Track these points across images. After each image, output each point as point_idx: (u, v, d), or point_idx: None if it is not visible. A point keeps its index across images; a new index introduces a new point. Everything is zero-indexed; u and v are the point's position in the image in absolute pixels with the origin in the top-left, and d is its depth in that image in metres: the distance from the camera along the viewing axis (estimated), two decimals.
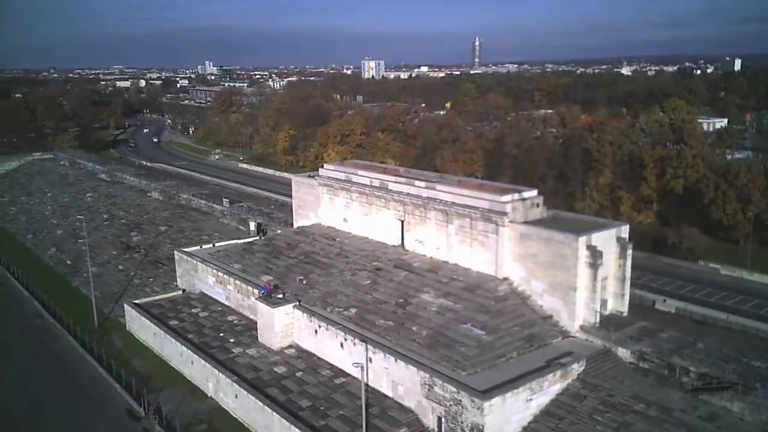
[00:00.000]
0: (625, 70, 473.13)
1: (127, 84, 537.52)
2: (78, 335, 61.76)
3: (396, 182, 61.13)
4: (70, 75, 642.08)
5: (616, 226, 50.51)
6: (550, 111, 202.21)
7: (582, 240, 46.23)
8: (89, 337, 61.36)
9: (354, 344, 46.33)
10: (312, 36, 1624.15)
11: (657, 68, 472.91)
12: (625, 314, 50.35)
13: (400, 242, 61.09)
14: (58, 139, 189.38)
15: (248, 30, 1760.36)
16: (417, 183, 59.00)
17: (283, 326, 52.83)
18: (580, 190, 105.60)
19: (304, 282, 57.89)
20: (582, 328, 47.36)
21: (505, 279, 50.85)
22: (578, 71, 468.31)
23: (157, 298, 67.47)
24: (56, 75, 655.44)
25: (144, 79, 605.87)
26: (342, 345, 47.71)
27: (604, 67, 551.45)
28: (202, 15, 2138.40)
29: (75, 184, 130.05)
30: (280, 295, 54.49)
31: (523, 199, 52.02)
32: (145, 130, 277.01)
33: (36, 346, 61.16)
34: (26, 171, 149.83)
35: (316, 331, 50.57)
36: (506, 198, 51.24)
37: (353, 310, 51.18)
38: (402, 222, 60.48)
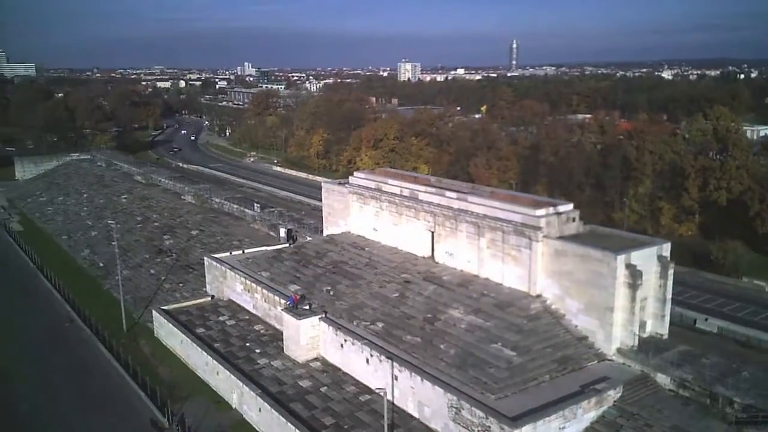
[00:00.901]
0: (666, 74, 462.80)
1: (167, 85, 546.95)
2: (106, 340, 61.83)
3: (426, 192, 59.71)
4: (113, 75, 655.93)
5: (657, 244, 48.11)
6: (588, 116, 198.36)
7: (621, 258, 44.12)
8: (117, 343, 61.33)
9: (380, 361, 45.08)
10: (350, 37, 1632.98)
11: (699, 72, 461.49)
12: (665, 337, 47.94)
13: (429, 254, 59.62)
14: (96, 139, 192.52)
15: (287, 32, 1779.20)
16: (448, 194, 57.47)
17: (309, 339, 51.87)
18: (618, 200, 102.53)
19: (331, 293, 56.87)
20: (619, 351, 45.21)
21: (538, 296, 48.98)
22: (618, 74, 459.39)
23: (185, 304, 67.21)
24: (99, 75, 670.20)
25: (184, 79, 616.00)
26: (368, 361, 46.50)
27: (644, 70, 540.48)
28: (243, 16, 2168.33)
29: (111, 185, 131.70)
30: (307, 307, 53.59)
31: (558, 213, 50.07)
32: (183, 132, 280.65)
33: (65, 351, 61.32)
34: (64, 171, 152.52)
35: (341, 345, 49.47)
36: (540, 212, 49.38)
37: (380, 325, 49.92)
38: (432, 233, 59.00)
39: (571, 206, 51.66)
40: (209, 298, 68.60)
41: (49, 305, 73.63)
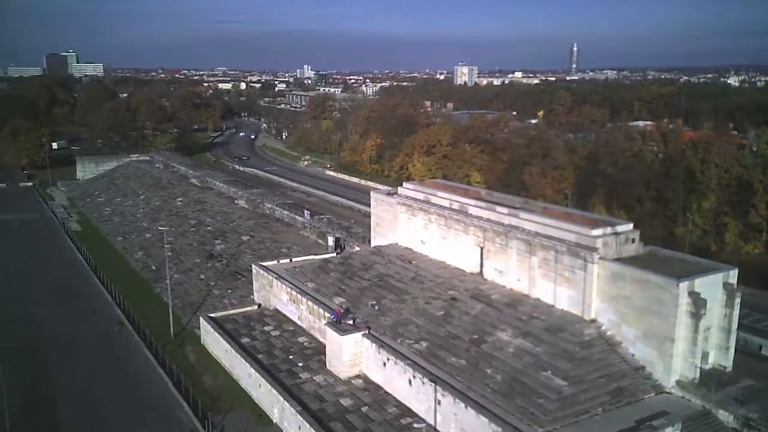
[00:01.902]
0: (733, 80, 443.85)
1: (228, 86, 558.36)
2: (153, 346, 62.30)
3: (476, 206, 57.78)
4: (177, 76, 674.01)
5: (723, 270, 44.90)
6: (649, 123, 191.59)
7: (683, 285, 41.27)
8: (163, 349, 61.77)
9: (423, 383, 43.53)
10: (408, 41, 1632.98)
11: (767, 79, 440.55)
12: (729, 369, 44.69)
13: (478, 270, 57.67)
14: (156, 140, 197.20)
15: (346, 35, 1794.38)
16: (499, 208, 55.41)
17: (352, 355, 50.76)
18: (680, 215, 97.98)
19: (376, 308, 55.62)
20: (679, 383, 42.32)
21: (593, 321, 46.46)
22: (681, 80, 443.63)
23: (232, 312, 67.22)
24: (163, 75, 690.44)
25: (245, 81, 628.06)
26: (410, 382, 45.00)
27: (709, 76, 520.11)
28: (304, 19, 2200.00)
29: (167, 187, 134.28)
30: (351, 321, 52.52)
31: (617, 234, 47.44)
32: (241, 134, 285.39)
33: (112, 356, 61.96)
34: (123, 172, 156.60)
35: (384, 364, 48.13)
36: (597, 232, 46.87)
37: (424, 344, 48.35)
38: (481, 249, 57.04)
39: (630, 226, 48.90)
40: (256, 307, 68.46)
41: (101, 307, 74.88)
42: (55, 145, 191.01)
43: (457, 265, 59.83)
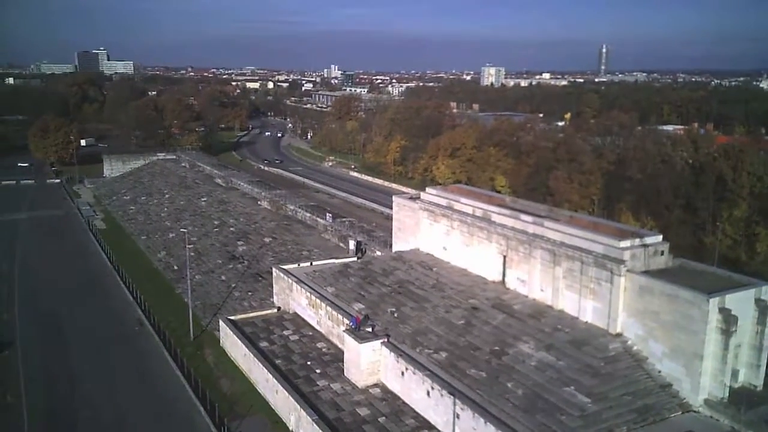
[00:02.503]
0: (765, 84, 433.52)
1: (256, 85, 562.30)
2: (172, 348, 62.23)
3: (500, 214, 56.68)
4: (205, 74, 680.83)
5: (756, 285, 43.21)
6: (679, 127, 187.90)
7: (714, 302, 39.79)
8: (182, 351, 61.67)
9: (441, 395, 42.57)
10: (435, 41, 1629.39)
11: None
12: (760, 388, 42.98)
13: (500, 279, 56.56)
14: (183, 139, 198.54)
15: (373, 35, 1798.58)
16: (523, 217, 54.26)
17: (370, 363, 49.97)
18: (710, 223, 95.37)
19: (395, 315, 54.79)
20: (707, 402, 40.81)
21: (618, 335, 45.11)
22: (712, 83, 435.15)
23: (251, 315, 66.91)
24: (192, 74, 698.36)
25: (272, 81, 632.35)
26: (429, 393, 44.07)
27: (741, 79, 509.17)
28: (332, 19, 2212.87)
29: (192, 187, 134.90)
30: (369, 329, 51.75)
31: (645, 246, 46.02)
32: (267, 133, 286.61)
33: (132, 357, 62.01)
34: (149, 171, 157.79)
35: (402, 373, 47.27)
36: (625, 243, 45.49)
37: (443, 354, 47.38)
38: (504, 257, 55.93)
39: (659, 238, 47.44)
40: (275, 310, 68.08)
41: (122, 306, 75.12)
42: (83, 142, 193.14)
43: (479, 273, 58.79)
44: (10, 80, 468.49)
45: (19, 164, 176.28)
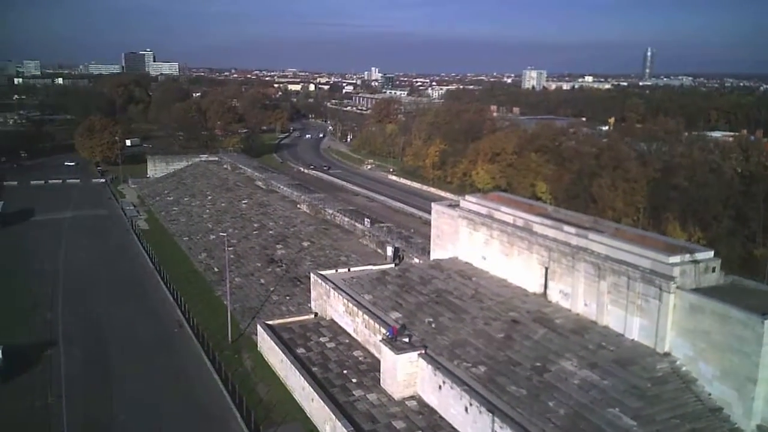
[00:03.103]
0: None
1: (297, 87, 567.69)
2: (210, 351, 62.54)
3: (542, 224, 55.27)
4: (248, 76, 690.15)
5: None
6: (728, 134, 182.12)
7: None
8: (220, 355, 61.95)
9: (480, 412, 41.50)
10: (475, 43, 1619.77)
11: None
12: None
13: (542, 291, 55.16)
14: (225, 141, 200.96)
15: (414, 37, 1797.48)
16: (566, 228, 52.75)
17: (406, 375, 49.20)
18: (761, 235, 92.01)
19: (433, 325, 53.92)
20: (759, 428, 38.79)
21: (666, 355, 43.35)
22: (761, 88, 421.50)
23: (289, 320, 66.86)
24: (236, 75, 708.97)
25: (313, 83, 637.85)
26: (467, 409, 43.04)
27: None
28: (373, 21, 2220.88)
29: (233, 189, 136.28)
30: (406, 339, 50.98)
31: (696, 262, 44.13)
32: (307, 136, 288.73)
33: (170, 359, 62.44)
34: (192, 172, 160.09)
35: (440, 387, 46.35)
36: (674, 259, 43.69)
37: (482, 368, 46.29)
38: (546, 269, 54.52)
39: (711, 254, 45.45)
40: (312, 316, 67.89)
41: (162, 308, 75.94)
42: (128, 142, 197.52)
43: (520, 284, 57.48)
44: (60, 80, 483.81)
45: (65, 163, 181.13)
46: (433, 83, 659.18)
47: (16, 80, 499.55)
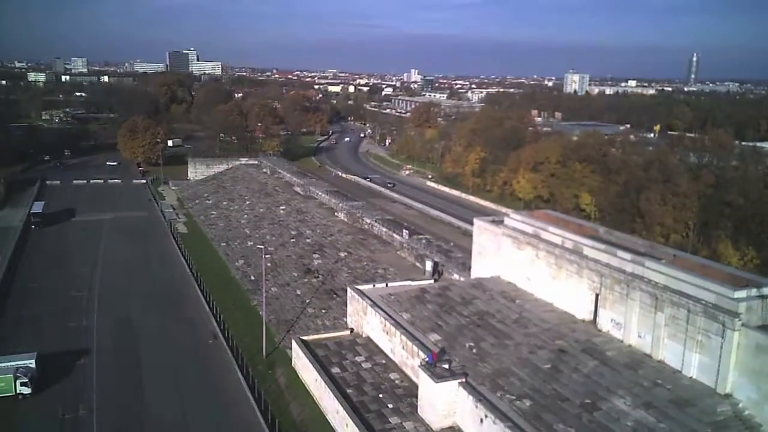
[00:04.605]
0: None
1: (337, 89, 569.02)
2: (244, 365, 61.25)
3: (593, 247, 52.38)
4: (289, 77, 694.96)
5: None
6: None
7: None
8: (254, 370, 60.61)
9: None
10: (516, 46, 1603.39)
11: None
12: None
13: (591, 318, 52.25)
14: (265, 144, 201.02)
15: (454, 39, 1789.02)
16: (620, 253, 49.81)
17: (446, 404, 46.87)
18: None
19: (474, 351, 51.46)
20: None
21: (728, 396, 40.19)
22: None
23: (324, 336, 65.11)
24: (277, 76, 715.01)
25: (353, 84, 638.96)
26: None
27: None
28: (414, 23, 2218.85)
29: (272, 194, 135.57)
30: (446, 365, 48.63)
31: (763, 297, 40.84)
32: (346, 139, 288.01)
33: (203, 372, 61.35)
34: (232, 175, 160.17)
35: (481, 420, 43.87)
36: (740, 293, 40.50)
37: (527, 402, 43.66)
38: (596, 295, 51.58)
39: None
40: (348, 332, 66.00)
41: (198, 316, 75.12)
42: (170, 143, 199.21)
43: (567, 310, 54.65)
44: (105, 78, 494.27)
45: (107, 162, 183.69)
46: (473, 86, 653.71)
47: (63, 78, 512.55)
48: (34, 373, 56.03)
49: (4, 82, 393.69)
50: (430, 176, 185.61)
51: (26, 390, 54.41)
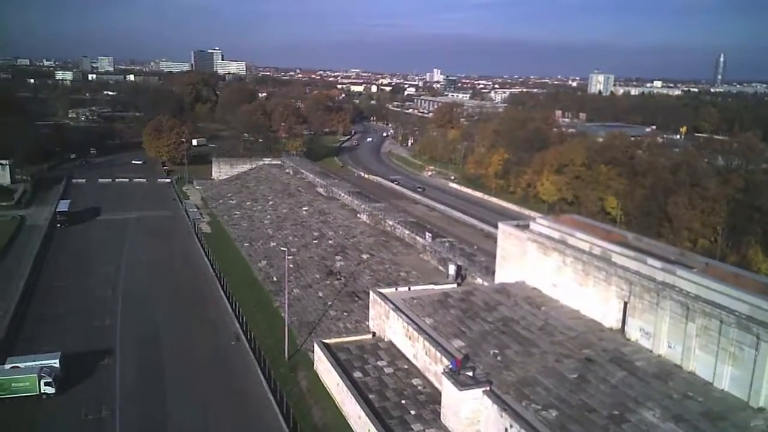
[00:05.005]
0: None
1: (360, 89, 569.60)
2: (266, 367, 61.11)
3: (622, 254, 51.34)
4: (313, 76, 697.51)
5: None
6: None
7: None
8: (276, 372, 60.44)
9: None
10: (540, 45, 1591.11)
11: None
12: None
13: (619, 326, 51.27)
14: (289, 143, 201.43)
15: (477, 39, 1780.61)
16: (650, 261, 48.74)
17: (470, 412, 46.13)
18: None
19: (499, 358, 50.70)
20: None
21: (761, 410, 39.05)
22: None
23: (346, 339, 64.74)
24: (300, 75, 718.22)
25: (376, 84, 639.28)
26: None
27: None
28: (436, 23, 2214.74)
29: (295, 194, 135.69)
30: (470, 373, 47.95)
31: None
32: (368, 139, 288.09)
33: (225, 374, 61.35)
34: (255, 175, 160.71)
35: (506, 430, 43.07)
36: None
37: (554, 413, 42.81)
38: (625, 303, 50.59)
39: None
40: (370, 336, 65.55)
41: (221, 317, 75.26)
42: (194, 142, 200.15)
43: (594, 317, 53.71)
44: (131, 77, 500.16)
45: (133, 161, 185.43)
46: (496, 86, 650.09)
47: (90, 76, 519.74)
48: (58, 372, 56.48)
49: (32, 80, 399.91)
50: (452, 177, 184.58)
51: (50, 390, 54.82)
